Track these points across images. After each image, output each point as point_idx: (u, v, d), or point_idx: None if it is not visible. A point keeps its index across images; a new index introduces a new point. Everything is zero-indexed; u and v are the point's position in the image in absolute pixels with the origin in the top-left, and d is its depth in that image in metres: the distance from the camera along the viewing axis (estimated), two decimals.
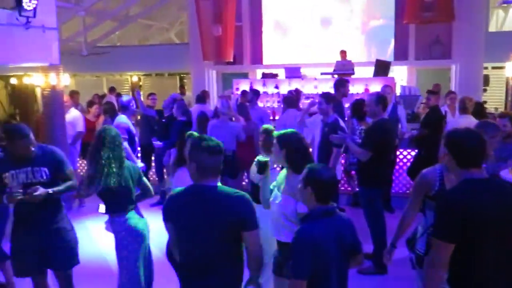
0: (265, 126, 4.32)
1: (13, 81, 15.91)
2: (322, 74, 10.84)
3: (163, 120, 7.36)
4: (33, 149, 3.47)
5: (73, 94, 8.46)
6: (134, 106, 6.98)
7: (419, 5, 10.55)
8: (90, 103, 8.99)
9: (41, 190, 3.35)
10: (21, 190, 3.36)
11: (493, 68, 12.65)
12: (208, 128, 6.20)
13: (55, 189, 3.49)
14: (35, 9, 6.21)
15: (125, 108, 6.59)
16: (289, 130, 3.34)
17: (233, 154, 6.17)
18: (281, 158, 3.20)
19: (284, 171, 3.25)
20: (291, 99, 7.04)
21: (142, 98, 8.26)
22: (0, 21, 6.21)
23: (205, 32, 11.57)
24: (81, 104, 9.31)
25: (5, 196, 3.41)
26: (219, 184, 2.66)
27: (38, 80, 7.56)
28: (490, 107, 11.22)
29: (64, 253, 3.64)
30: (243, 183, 6.89)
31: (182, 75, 16.87)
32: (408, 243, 3.32)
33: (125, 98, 6.90)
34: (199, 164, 2.60)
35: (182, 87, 14.61)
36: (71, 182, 3.63)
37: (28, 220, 3.55)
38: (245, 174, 6.68)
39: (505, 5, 13.06)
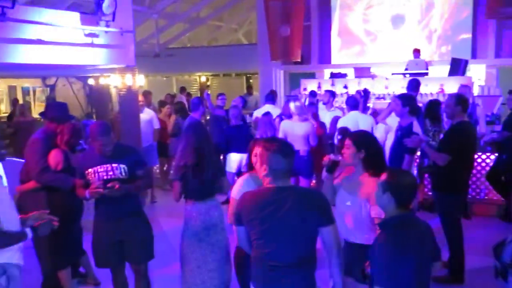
0: (343, 126, 4.23)
1: (91, 82, 16.82)
2: (393, 74, 10.51)
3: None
4: (111, 147, 3.62)
5: (146, 94, 8.77)
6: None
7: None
8: (162, 103, 9.30)
9: (119, 187, 3.50)
10: (101, 186, 3.53)
11: None
12: (281, 129, 6.16)
13: (132, 185, 3.64)
14: (113, 13, 6.49)
15: (196, 108, 6.74)
16: (365, 131, 3.25)
17: (308, 154, 6.10)
18: (355, 160, 3.11)
19: (355, 174, 3.16)
20: (354, 101, 6.82)
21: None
22: (81, 24, 6.55)
23: (273, 32, 11.60)
24: (153, 104, 9.65)
25: (87, 192, 3.60)
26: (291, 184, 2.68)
27: (115, 81, 7.91)
28: None
29: (140, 247, 3.77)
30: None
31: (248, 75, 17.05)
32: (494, 251, 3.12)
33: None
34: (271, 167, 2.60)
35: (249, 87, 14.76)
36: (147, 180, 3.78)
37: (108, 214, 3.71)
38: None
39: None
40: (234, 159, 6.72)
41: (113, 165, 3.62)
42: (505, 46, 11.24)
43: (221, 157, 7.63)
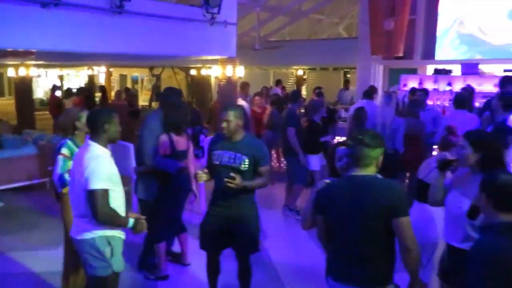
0: (450, 124, 4.06)
1: (193, 72, 17.65)
2: (505, 71, 9.75)
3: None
4: (233, 128, 3.68)
5: (244, 86, 9.03)
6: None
7: None
8: (258, 95, 9.50)
9: (238, 181, 3.54)
10: (206, 171, 3.72)
11: None
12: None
13: (249, 183, 3.66)
14: (220, 6, 6.78)
15: (294, 100, 6.81)
16: (483, 131, 3.10)
17: (395, 153, 5.92)
18: (470, 161, 2.95)
19: (469, 174, 3.01)
20: (462, 99, 6.42)
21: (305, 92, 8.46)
22: (189, 17, 6.93)
23: (376, 26, 11.29)
24: (250, 95, 9.91)
25: (194, 174, 3.81)
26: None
27: (216, 72, 8.26)
28: None
29: (249, 240, 3.84)
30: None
31: (346, 70, 16.78)
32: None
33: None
34: (351, 155, 2.71)
35: (346, 81, 14.54)
36: (264, 179, 3.77)
37: (222, 201, 3.81)
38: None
39: None
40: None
41: (237, 154, 3.69)
42: None
43: None
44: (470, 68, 9.86)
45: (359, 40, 12.81)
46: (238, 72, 8.06)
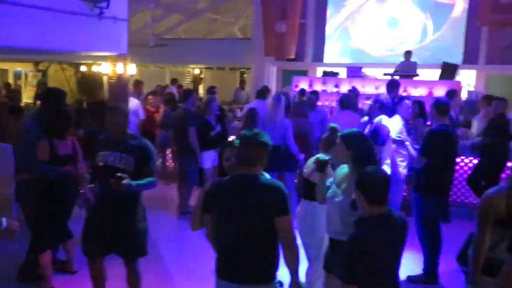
0: (332, 125, 4.27)
1: (83, 68, 16.78)
2: (385, 74, 10.59)
3: None
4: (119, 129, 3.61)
5: (137, 84, 8.79)
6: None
7: (494, 6, 10.00)
8: (152, 93, 9.30)
9: (125, 181, 3.35)
10: (88, 174, 3.54)
11: None
12: None
13: (137, 182, 3.50)
14: (108, 0, 6.51)
15: (185, 98, 6.74)
16: (355, 130, 3.32)
17: (285, 149, 6.12)
18: (345, 158, 3.16)
19: (345, 169, 3.22)
20: (347, 100, 6.88)
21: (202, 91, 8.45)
22: (76, 10, 6.56)
23: (269, 28, 11.62)
24: (144, 94, 9.66)
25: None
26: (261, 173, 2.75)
27: (106, 69, 7.93)
28: None
29: (133, 242, 3.71)
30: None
31: (242, 70, 17.05)
32: (459, 260, 3.19)
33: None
34: (237, 155, 2.79)
35: (242, 81, 14.78)
36: (152, 178, 3.66)
37: (105, 204, 3.68)
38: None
39: None
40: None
41: (123, 154, 3.57)
42: (495, 53, 11.36)
43: None
44: (354, 72, 10.53)
45: (253, 41, 13.10)
46: (130, 69, 7.81)
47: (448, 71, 9.97)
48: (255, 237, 2.66)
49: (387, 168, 5.09)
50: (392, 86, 7.00)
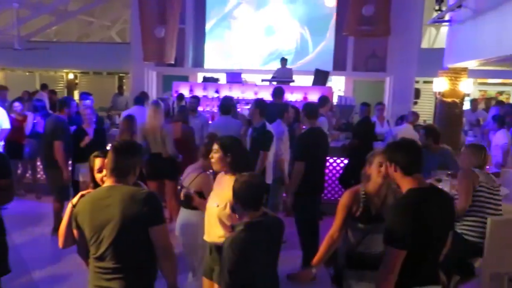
0: (211, 132, 4.29)
1: None
2: (263, 80, 10.98)
3: None
4: None
5: (0, 89, 8.02)
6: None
7: (358, 19, 10.93)
8: (18, 100, 8.54)
9: None
10: None
11: (424, 82, 13.33)
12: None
13: None
14: None
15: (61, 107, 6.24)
16: (231, 136, 3.37)
17: (171, 158, 6.02)
18: (224, 164, 3.20)
19: (224, 176, 3.25)
20: (227, 106, 6.95)
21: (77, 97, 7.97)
22: None
23: (148, 33, 11.36)
24: (9, 101, 8.84)
25: None
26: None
27: None
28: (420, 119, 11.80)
29: None
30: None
31: (121, 75, 16.48)
32: (326, 264, 3.38)
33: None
34: (107, 165, 2.65)
35: (120, 87, 14.26)
36: (8, 193, 3.39)
37: None
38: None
39: (437, 23, 13.80)
40: None
41: None
42: (361, 61, 12.41)
43: None
44: (234, 77, 10.75)
45: (131, 45, 12.72)
46: None
47: (321, 77, 10.63)
48: (131, 250, 2.56)
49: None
50: (278, 92, 7.27)
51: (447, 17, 6.95)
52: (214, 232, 3.18)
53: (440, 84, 7.21)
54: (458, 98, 7.17)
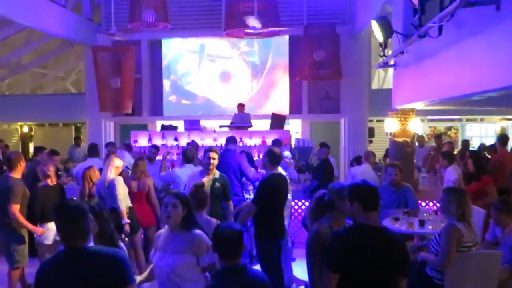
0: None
1: None
2: (221, 126, 11.09)
3: None
4: None
5: None
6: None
7: (311, 63, 11.39)
8: None
9: None
10: None
11: (378, 121, 13.83)
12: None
13: None
14: None
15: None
16: (181, 192, 3.43)
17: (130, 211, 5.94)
18: (179, 217, 3.24)
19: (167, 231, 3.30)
20: (189, 154, 7.00)
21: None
22: None
23: (103, 84, 11.38)
24: None
25: None
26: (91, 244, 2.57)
27: None
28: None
29: None
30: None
31: (78, 125, 16.25)
32: None
33: None
34: (58, 230, 2.54)
35: (77, 138, 14.03)
36: None
37: None
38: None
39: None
40: None
41: None
42: (315, 103, 12.81)
43: None
44: (192, 124, 10.80)
45: (87, 96, 12.66)
46: None
47: (277, 121, 10.87)
48: None
49: None
50: (232, 140, 7.51)
51: (392, 62, 7.35)
52: (171, 285, 3.20)
53: (391, 125, 7.53)
54: (409, 137, 7.49)
